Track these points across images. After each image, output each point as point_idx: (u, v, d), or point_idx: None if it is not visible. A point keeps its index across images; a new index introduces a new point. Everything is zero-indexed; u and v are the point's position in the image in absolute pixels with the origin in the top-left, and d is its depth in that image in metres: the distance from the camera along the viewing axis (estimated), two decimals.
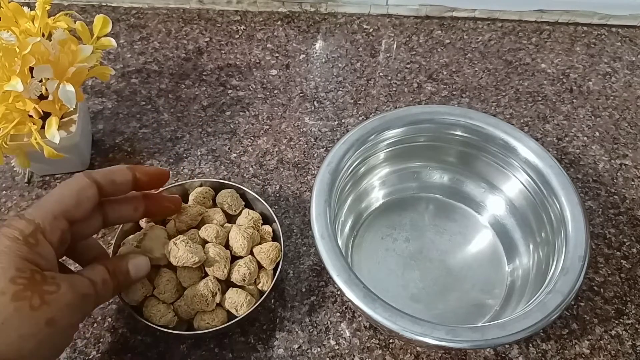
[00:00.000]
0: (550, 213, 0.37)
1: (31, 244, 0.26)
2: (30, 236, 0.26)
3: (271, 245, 0.35)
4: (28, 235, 0.26)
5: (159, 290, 0.33)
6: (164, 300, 0.33)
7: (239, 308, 0.33)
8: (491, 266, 0.41)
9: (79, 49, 0.41)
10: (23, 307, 0.23)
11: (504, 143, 0.39)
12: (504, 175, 0.41)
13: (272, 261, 0.35)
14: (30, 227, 0.26)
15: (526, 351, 0.37)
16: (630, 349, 0.38)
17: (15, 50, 0.37)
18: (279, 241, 0.37)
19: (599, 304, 0.40)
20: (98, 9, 0.61)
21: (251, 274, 0.34)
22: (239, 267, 0.34)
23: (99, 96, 0.52)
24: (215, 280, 0.34)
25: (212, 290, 0.33)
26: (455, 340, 0.29)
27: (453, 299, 0.39)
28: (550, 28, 0.61)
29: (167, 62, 0.56)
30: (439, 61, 0.57)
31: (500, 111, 0.52)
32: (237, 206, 0.38)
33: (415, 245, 0.42)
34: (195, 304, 0.33)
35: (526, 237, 0.40)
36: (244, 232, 0.35)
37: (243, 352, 0.36)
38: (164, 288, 0.33)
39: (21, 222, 0.26)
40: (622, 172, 0.48)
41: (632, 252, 0.43)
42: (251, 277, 0.34)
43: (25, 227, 0.26)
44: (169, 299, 0.33)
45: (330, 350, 0.37)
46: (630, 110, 0.53)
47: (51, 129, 0.39)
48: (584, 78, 0.56)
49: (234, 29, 0.60)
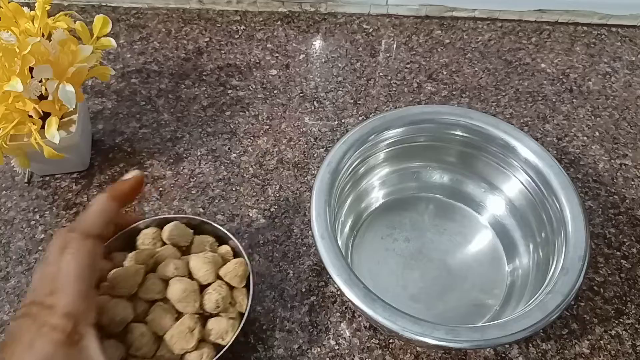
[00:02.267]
0: (550, 213, 0.37)
1: (75, 342, 0.24)
2: (74, 333, 0.24)
3: (235, 263, 0.33)
4: (70, 333, 0.24)
5: (135, 347, 0.30)
6: (143, 356, 0.30)
7: (224, 336, 0.31)
8: (491, 266, 0.41)
9: (78, 49, 0.41)
10: None
11: (504, 143, 0.39)
12: (504, 175, 0.41)
13: (241, 278, 0.33)
14: (69, 322, 0.24)
15: (526, 351, 0.37)
16: (630, 348, 0.38)
17: (15, 51, 0.37)
18: (242, 256, 0.34)
19: (599, 304, 0.40)
20: (98, 9, 0.61)
21: (224, 298, 0.32)
22: (209, 295, 0.32)
23: (99, 96, 0.52)
24: (190, 315, 0.31)
25: (190, 326, 0.31)
26: (455, 340, 0.29)
27: (453, 299, 0.39)
28: (550, 28, 0.61)
29: (167, 62, 0.56)
30: (439, 61, 0.57)
31: (500, 111, 0.52)
32: (187, 236, 0.35)
33: (415, 245, 0.42)
34: (176, 347, 0.30)
35: (526, 237, 0.40)
36: (204, 257, 0.33)
37: (243, 352, 0.36)
38: (139, 343, 0.30)
39: (58, 319, 0.24)
40: (622, 172, 0.48)
41: (632, 252, 0.43)
42: (225, 301, 0.32)
43: (65, 324, 0.24)
44: (148, 353, 0.30)
45: (330, 350, 0.37)
46: (630, 110, 0.53)
47: (51, 129, 0.39)
48: (584, 78, 0.56)
49: (233, 29, 0.60)
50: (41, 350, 0.23)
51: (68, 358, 0.23)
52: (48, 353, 0.23)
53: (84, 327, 0.25)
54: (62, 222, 0.43)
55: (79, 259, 0.26)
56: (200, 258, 0.33)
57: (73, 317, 0.24)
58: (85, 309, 0.25)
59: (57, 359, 0.23)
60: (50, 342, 0.23)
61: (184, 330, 0.30)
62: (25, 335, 0.24)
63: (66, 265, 0.26)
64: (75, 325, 0.24)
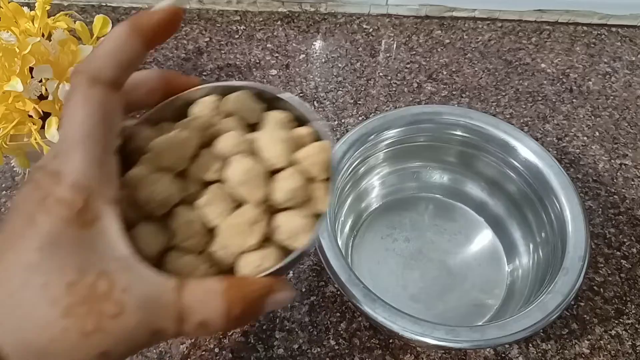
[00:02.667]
0: (550, 213, 0.37)
1: (88, 223, 0.18)
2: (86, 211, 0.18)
3: (319, 146, 0.24)
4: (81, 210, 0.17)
5: (180, 236, 0.22)
6: (189, 249, 0.22)
7: (297, 237, 0.22)
8: (491, 266, 0.41)
9: (78, 49, 0.41)
10: (73, 329, 0.17)
11: (504, 143, 0.39)
12: (504, 175, 0.41)
13: (324, 167, 0.24)
14: (79, 196, 0.18)
15: (526, 351, 0.37)
16: (630, 348, 0.38)
17: (15, 51, 0.37)
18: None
19: (599, 303, 0.40)
20: (98, 9, 0.61)
21: (300, 189, 0.23)
22: (280, 182, 0.23)
23: None
24: (254, 204, 0.23)
25: (252, 218, 0.22)
26: (455, 340, 0.29)
27: (453, 299, 0.39)
28: (550, 28, 0.61)
29: (167, 62, 0.56)
30: (439, 61, 0.57)
31: (500, 111, 0.52)
32: (256, 111, 0.26)
33: (415, 245, 0.42)
34: (232, 242, 0.22)
35: (526, 237, 0.40)
36: (277, 134, 0.24)
37: (243, 352, 0.36)
38: (186, 233, 0.22)
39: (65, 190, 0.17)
40: (622, 172, 0.48)
41: (632, 252, 0.43)
42: (300, 192, 0.23)
43: (73, 197, 0.17)
44: (197, 246, 0.22)
45: (330, 350, 0.37)
46: (630, 110, 0.53)
47: (51, 129, 0.39)
48: (584, 78, 0.56)
49: (233, 29, 0.60)
50: (44, 227, 0.17)
51: (79, 242, 0.17)
52: (52, 232, 0.17)
53: (99, 203, 0.18)
54: None
55: (84, 112, 0.19)
56: (271, 134, 0.24)
57: (83, 190, 0.18)
58: (99, 180, 0.18)
59: (64, 241, 0.17)
60: (56, 218, 0.17)
61: (243, 222, 0.22)
62: (27, 206, 0.18)
63: (69, 120, 0.19)
64: (87, 201, 0.18)
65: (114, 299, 0.17)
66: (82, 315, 0.17)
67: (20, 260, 0.17)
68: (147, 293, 0.17)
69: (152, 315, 0.17)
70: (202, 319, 0.18)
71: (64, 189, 0.17)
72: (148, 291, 0.17)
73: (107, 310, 0.17)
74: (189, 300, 0.18)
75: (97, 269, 0.17)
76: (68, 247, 0.17)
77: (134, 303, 0.17)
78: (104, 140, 0.19)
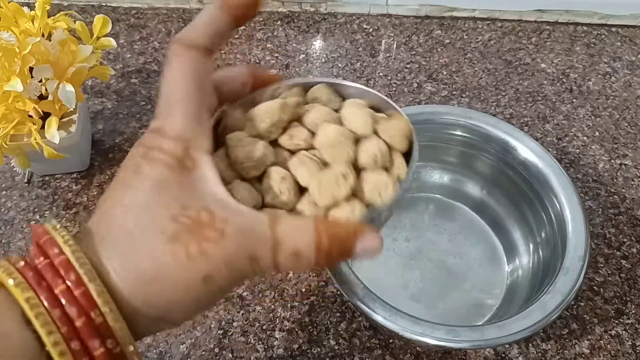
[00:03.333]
0: (551, 213, 0.37)
1: (188, 169, 0.19)
2: (186, 158, 0.19)
3: (400, 120, 0.26)
4: (182, 158, 0.19)
5: (273, 193, 0.24)
6: (280, 207, 0.24)
7: (382, 192, 0.24)
8: (491, 266, 0.41)
9: (78, 49, 0.41)
10: (179, 253, 0.18)
11: (504, 143, 0.39)
12: (504, 175, 0.41)
13: (404, 139, 0.26)
14: (179, 146, 0.20)
15: (526, 351, 0.37)
16: (630, 348, 0.38)
17: (15, 51, 0.37)
18: None
19: (599, 303, 0.40)
20: (98, 9, 0.61)
21: (383, 155, 0.25)
22: (366, 146, 0.25)
23: (99, 96, 0.52)
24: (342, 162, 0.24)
25: (343, 172, 0.24)
26: (455, 340, 0.29)
27: (453, 299, 0.39)
28: (550, 28, 0.61)
29: None
30: (439, 61, 0.57)
31: (500, 111, 0.52)
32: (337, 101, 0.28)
33: (415, 245, 0.42)
34: (324, 195, 0.23)
35: (526, 237, 0.40)
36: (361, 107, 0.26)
37: (243, 352, 0.36)
38: (279, 189, 0.24)
39: (167, 142, 0.20)
40: (622, 172, 0.48)
41: (632, 252, 0.43)
42: (383, 158, 0.25)
43: (174, 147, 0.19)
44: (289, 203, 0.24)
45: (330, 350, 0.37)
46: (630, 110, 0.53)
47: (51, 129, 0.39)
48: (584, 78, 0.56)
49: None
50: (150, 173, 0.19)
51: (181, 185, 0.19)
52: (157, 177, 0.19)
53: (197, 152, 0.20)
54: (62, 222, 0.43)
55: (182, 74, 0.21)
56: (355, 109, 0.26)
57: (183, 141, 0.20)
58: (196, 133, 0.20)
59: (170, 184, 0.19)
60: (160, 165, 0.19)
61: (335, 176, 0.23)
62: (132, 160, 0.20)
63: (169, 82, 0.21)
64: (187, 150, 0.20)
65: (214, 226, 0.19)
66: (187, 240, 0.18)
67: (128, 202, 0.18)
68: (244, 224, 0.19)
69: (249, 242, 0.19)
70: (294, 248, 0.19)
71: (166, 140, 0.19)
72: (245, 222, 0.19)
73: (209, 236, 0.18)
74: (283, 231, 0.19)
75: (198, 205, 0.19)
76: (172, 188, 0.19)
77: (232, 230, 0.19)
78: (200, 99, 0.21)
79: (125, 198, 0.19)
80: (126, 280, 0.17)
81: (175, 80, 0.21)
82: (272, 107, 0.25)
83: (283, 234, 0.19)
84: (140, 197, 0.18)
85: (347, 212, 0.23)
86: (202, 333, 0.37)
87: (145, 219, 0.18)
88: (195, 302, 0.19)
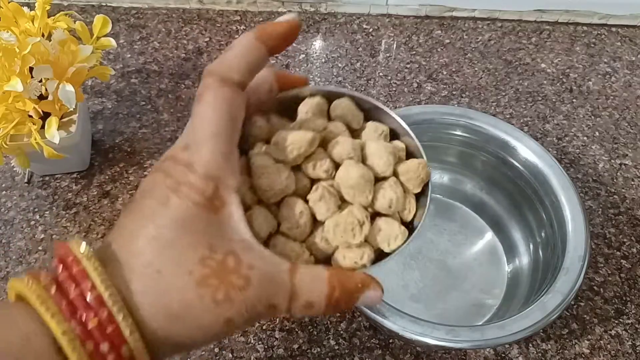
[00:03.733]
0: (551, 213, 0.37)
1: (216, 208, 0.20)
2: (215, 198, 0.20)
3: (418, 163, 0.27)
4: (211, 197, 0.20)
5: (288, 224, 0.25)
6: (294, 237, 0.25)
7: (391, 241, 0.25)
8: (491, 266, 0.41)
9: (78, 49, 0.41)
10: (206, 297, 0.19)
11: (504, 143, 0.39)
12: (504, 175, 0.41)
13: (421, 182, 0.27)
14: (210, 185, 0.20)
15: (526, 351, 0.37)
16: (630, 348, 0.38)
17: (15, 51, 0.37)
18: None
19: (598, 303, 0.40)
20: (98, 9, 0.61)
21: (398, 200, 0.25)
22: (383, 191, 0.26)
23: (99, 96, 0.52)
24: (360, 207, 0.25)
25: (360, 220, 0.25)
26: (455, 340, 0.29)
27: (453, 299, 0.39)
28: (550, 28, 0.61)
29: (167, 62, 0.56)
30: (439, 61, 0.57)
31: (500, 111, 0.52)
32: (359, 117, 0.28)
33: (415, 245, 0.42)
34: (338, 238, 0.24)
35: (526, 237, 0.40)
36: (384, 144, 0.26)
37: (243, 352, 0.36)
38: (295, 222, 0.25)
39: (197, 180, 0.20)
40: (622, 172, 0.48)
41: (632, 252, 0.43)
42: (398, 203, 0.26)
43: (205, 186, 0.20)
44: (301, 235, 0.25)
45: (330, 350, 0.37)
46: (630, 110, 0.53)
47: (51, 129, 0.39)
48: (584, 78, 0.56)
49: (233, 28, 0.60)
50: (178, 208, 0.19)
51: (208, 224, 0.19)
52: (186, 213, 0.19)
53: (226, 191, 0.20)
54: (62, 222, 0.43)
55: (215, 110, 0.21)
56: (379, 144, 0.26)
57: (213, 179, 0.20)
58: (226, 171, 0.20)
59: (197, 223, 0.19)
60: (189, 202, 0.19)
61: (352, 222, 0.24)
62: (159, 190, 0.20)
63: (201, 116, 0.21)
64: (216, 189, 0.20)
65: (240, 273, 0.19)
66: (215, 286, 0.19)
67: (155, 235, 0.19)
68: (267, 272, 0.20)
69: (270, 291, 0.20)
70: (308, 300, 0.20)
71: (196, 177, 0.20)
72: (267, 270, 0.20)
73: (235, 283, 0.19)
74: (299, 281, 0.20)
75: (225, 248, 0.19)
76: (199, 227, 0.19)
77: (257, 279, 0.19)
78: (231, 136, 0.21)
79: (149, 228, 0.19)
80: (155, 318, 0.18)
81: (208, 116, 0.21)
82: (302, 139, 0.25)
83: (299, 284, 0.20)
84: (166, 232, 0.19)
85: (357, 256, 0.24)
86: None
87: (172, 257, 0.19)
88: (213, 339, 0.20)
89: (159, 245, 0.19)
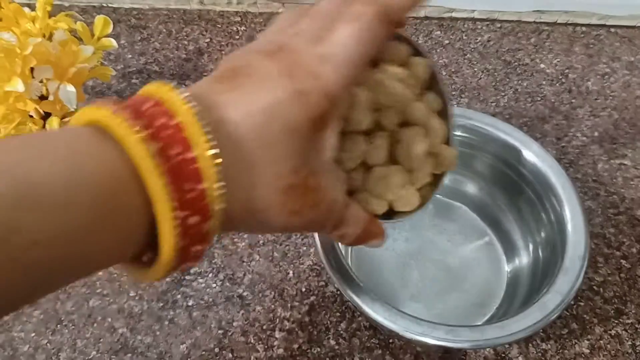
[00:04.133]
0: (550, 213, 0.37)
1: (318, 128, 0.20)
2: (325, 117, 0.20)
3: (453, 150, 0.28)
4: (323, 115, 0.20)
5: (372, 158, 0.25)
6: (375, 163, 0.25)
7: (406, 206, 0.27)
8: (491, 266, 0.41)
9: (79, 50, 0.41)
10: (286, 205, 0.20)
11: (504, 143, 0.39)
12: (504, 175, 0.41)
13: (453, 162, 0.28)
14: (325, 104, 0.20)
15: (526, 351, 0.37)
16: (630, 348, 0.38)
17: (16, 51, 0.37)
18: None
19: (598, 303, 0.40)
20: (99, 9, 0.61)
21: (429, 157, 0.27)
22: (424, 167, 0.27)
23: (100, 97, 0.53)
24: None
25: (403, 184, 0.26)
26: (455, 340, 0.29)
27: (453, 299, 0.39)
28: (549, 28, 0.61)
29: (167, 63, 0.56)
30: (438, 61, 0.57)
31: (500, 111, 0.52)
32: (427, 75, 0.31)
33: (415, 245, 0.42)
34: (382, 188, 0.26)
35: (526, 237, 0.40)
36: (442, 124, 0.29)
37: (243, 352, 0.37)
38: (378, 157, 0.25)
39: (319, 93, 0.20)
40: (622, 172, 0.48)
41: (631, 251, 0.43)
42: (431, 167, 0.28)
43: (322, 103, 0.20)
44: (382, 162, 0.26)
45: (330, 350, 0.37)
46: (629, 110, 0.53)
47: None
48: (583, 78, 0.56)
49: (234, 29, 0.60)
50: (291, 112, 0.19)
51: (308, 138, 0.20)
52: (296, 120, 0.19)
53: (333, 116, 0.20)
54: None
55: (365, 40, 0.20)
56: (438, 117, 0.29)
57: (331, 100, 0.20)
58: (342, 98, 0.21)
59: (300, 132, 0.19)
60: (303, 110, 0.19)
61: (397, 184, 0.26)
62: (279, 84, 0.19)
63: (351, 38, 0.20)
64: (329, 110, 0.20)
65: (317, 195, 0.21)
66: (295, 197, 0.20)
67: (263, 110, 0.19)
68: (332, 200, 0.22)
69: (327, 216, 0.22)
70: (345, 233, 0.23)
71: (319, 91, 0.19)
72: (332, 199, 0.22)
73: (309, 202, 0.21)
74: (348, 215, 0.23)
75: (312, 167, 0.20)
76: (302, 138, 0.19)
77: (325, 204, 0.21)
78: (362, 69, 0.21)
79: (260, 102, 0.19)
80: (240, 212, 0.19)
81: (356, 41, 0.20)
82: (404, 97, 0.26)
83: (347, 217, 0.23)
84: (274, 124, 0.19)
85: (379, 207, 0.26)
86: (202, 333, 0.37)
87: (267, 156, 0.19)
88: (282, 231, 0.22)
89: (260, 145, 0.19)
